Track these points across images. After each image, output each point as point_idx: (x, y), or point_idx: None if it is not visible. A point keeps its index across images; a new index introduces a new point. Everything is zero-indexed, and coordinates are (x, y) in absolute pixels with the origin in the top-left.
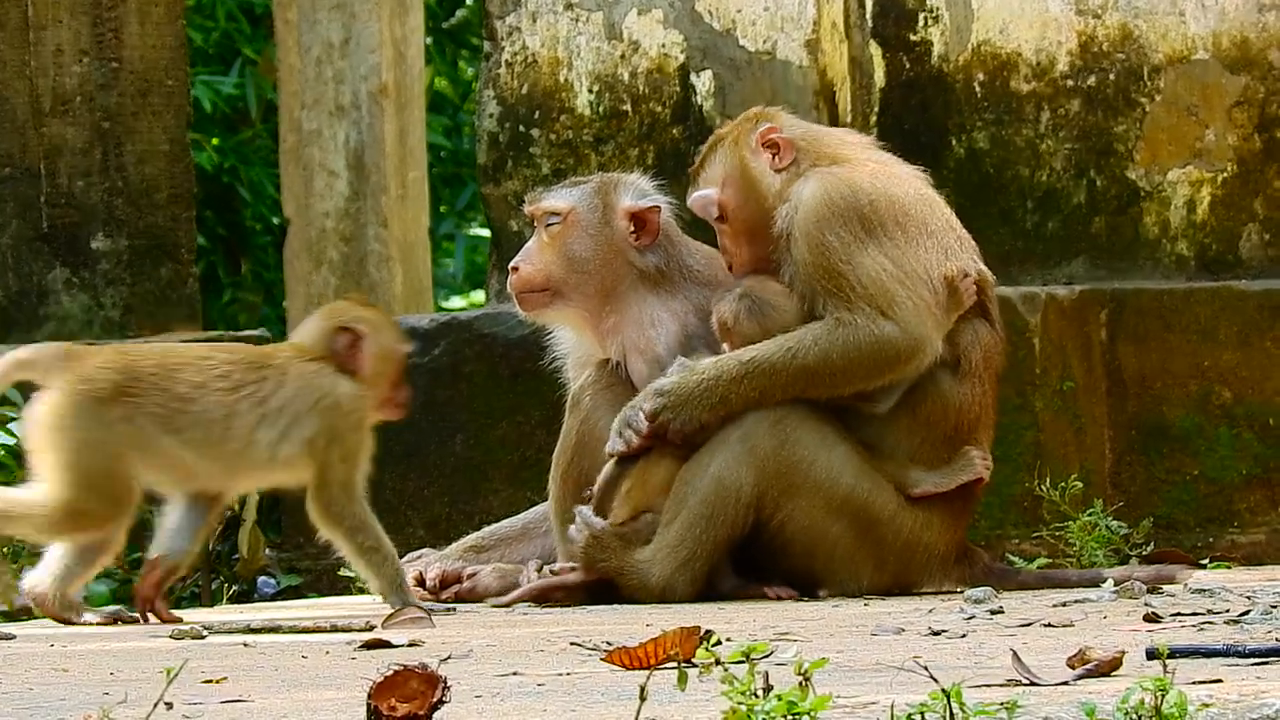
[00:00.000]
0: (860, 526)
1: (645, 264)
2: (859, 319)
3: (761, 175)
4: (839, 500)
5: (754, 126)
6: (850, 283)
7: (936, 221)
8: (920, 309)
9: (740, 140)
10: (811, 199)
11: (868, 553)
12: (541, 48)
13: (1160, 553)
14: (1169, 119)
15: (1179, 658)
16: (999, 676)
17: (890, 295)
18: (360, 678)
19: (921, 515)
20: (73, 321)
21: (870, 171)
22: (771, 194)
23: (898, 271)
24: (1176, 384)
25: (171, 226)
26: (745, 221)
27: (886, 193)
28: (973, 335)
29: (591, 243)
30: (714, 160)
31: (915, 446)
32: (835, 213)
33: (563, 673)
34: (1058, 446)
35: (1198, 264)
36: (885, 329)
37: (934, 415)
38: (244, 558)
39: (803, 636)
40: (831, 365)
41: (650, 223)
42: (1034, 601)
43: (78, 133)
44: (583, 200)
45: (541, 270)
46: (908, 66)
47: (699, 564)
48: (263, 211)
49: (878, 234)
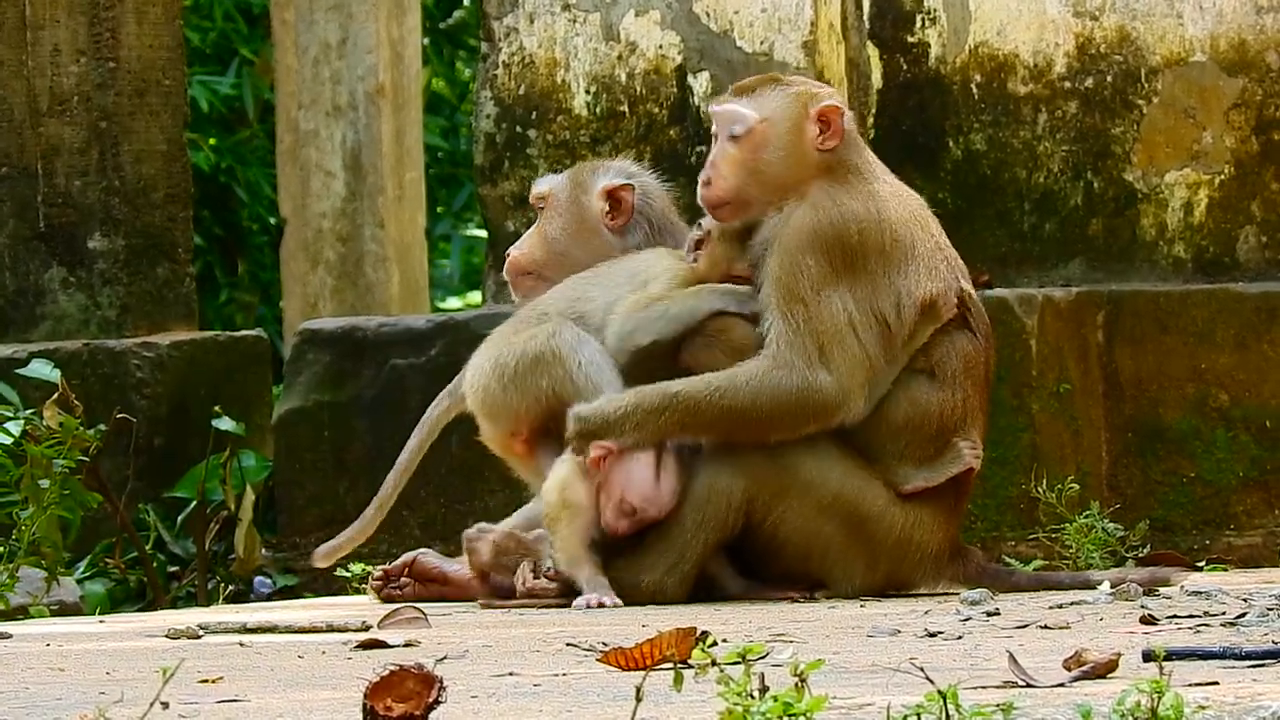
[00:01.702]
0: (851, 525)
1: (626, 245)
2: (797, 360)
3: (808, 144)
4: (828, 499)
5: (823, 97)
6: (807, 313)
7: (924, 244)
8: (857, 364)
9: (803, 99)
10: (802, 219)
11: (860, 551)
12: (539, 48)
13: (1156, 555)
14: (1166, 121)
15: (1175, 660)
16: (995, 678)
17: (838, 341)
18: (356, 678)
19: (913, 512)
20: (69, 321)
21: (871, 193)
22: (802, 163)
23: (859, 315)
24: (1173, 386)
25: (168, 226)
26: (760, 160)
27: (878, 219)
28: (949, 346)
29: (564, 223)
30: (771, 94)
31: (901, 448)
32: (820, 240)
33: (559, 673)
34: (1054, 448)
35: (1195, 266)
36: (819, 378)
37: (913, 420)
38: (240, 557)
39: (799, 638)
40: (760, 410)
41: (624, 201)
42: (1030, 603)
43: (75, 132)
44: (559, 183)
45: (527, 254)
46: (905, 68)
47: (688, 566)
48: (259, 211)
49: (856, 269)
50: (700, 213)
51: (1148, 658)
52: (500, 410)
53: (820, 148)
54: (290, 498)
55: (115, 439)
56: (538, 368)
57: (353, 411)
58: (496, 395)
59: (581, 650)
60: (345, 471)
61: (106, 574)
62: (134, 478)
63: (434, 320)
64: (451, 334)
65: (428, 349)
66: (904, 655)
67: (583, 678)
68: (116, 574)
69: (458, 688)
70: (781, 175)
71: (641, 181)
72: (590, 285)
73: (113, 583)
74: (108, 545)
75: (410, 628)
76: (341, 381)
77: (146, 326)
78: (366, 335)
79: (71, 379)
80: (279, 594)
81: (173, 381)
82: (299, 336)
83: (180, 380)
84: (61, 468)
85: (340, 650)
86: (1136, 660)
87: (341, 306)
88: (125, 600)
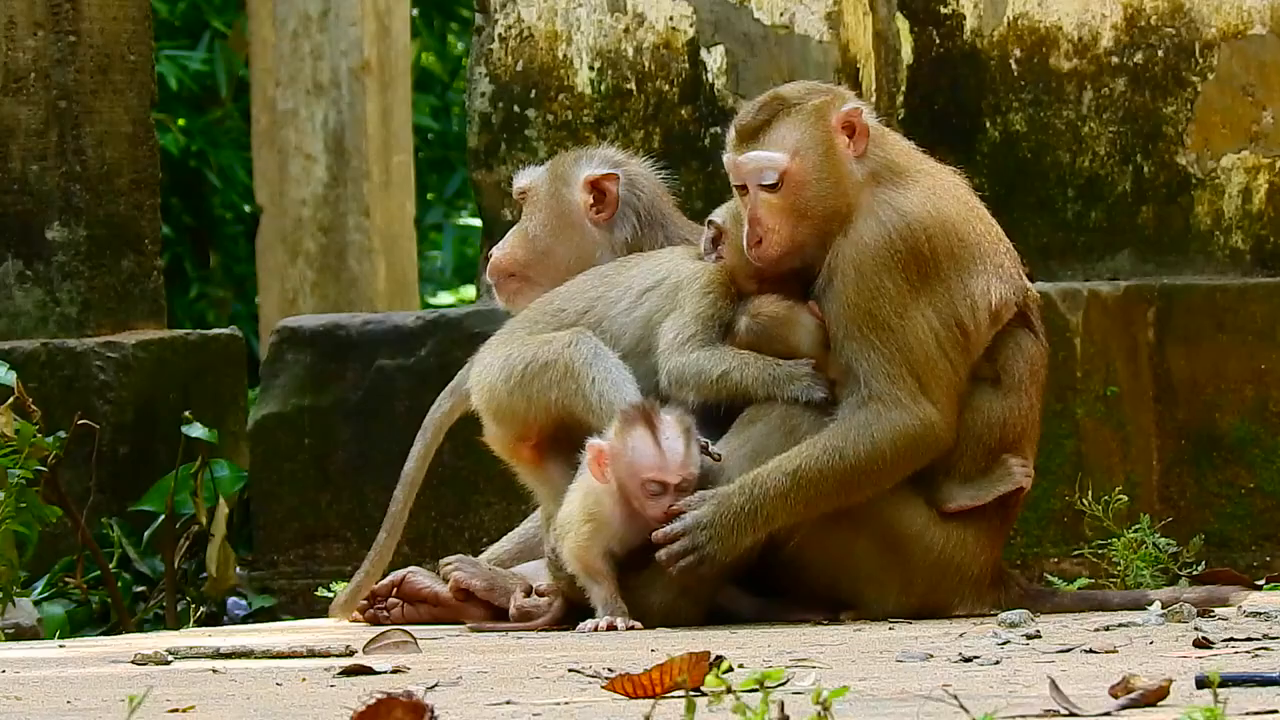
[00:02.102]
0: (886, 544)
1: (614, 240)
2: (902, 395)
3: (844, 159)
4: (862, 516)
5: (838, 102)
6: (898, 343)
7: (989, 239)
8: (950, 387)
9: (826, 112)
10: (869, 238)
11: (894, 573)
12: (538, 20)
13: (1212, 572)
14: (1223, 99)
15: (1231, 686)
16: (1035, 707)
17: (931, 367)
18: (340, 706)
19: (955, 533)
20: (25, 319)
21: (926, 189)
22: (847, 181)
23: (943, 332)
24: (1230, 389)
25: (134, 215)
26: (805, 200)
27: (941, 219)
28: (1015, 347)
29: (544, 219)
30: (785, 124)
31: (951, 462)
32: (895, 256)
33: (560, 701)
34: (1101, 457)
35: (1254, 258)
36: (927, 413)
37: (974, 432)
38: (213, 576)
39: (822, 663)
40: (881, 459)
41: (609, 192)
42: (1074, 625)
43: (32, 113)
44: (538, 175)
45: (509, 254)
46: (938, 42)
47: (705, 587)
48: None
49: (931, 279)
50: (713, 203)
51: (1202, 684)
52: (506, 414)
53: (858, 156)
54: (267, 511)
55: (76, 447)
56: (547, 376)
57: (335, 417)
58: (502, 398)
59: (585, 677)
60: (327, 482)
61: (67, 594)
62: (96, 490)
63: (424, 318)
64: (443, 332)
65: (417, 349)
66: (936, 681)
67: (586, 706)
68: (78, 594)
69: (450, 717)
70: (832, 205)
71: (627, 170)
72: (610, 285)
73: (73, 604)
74: (68, 563)
75: (398, 652)
76: (323, 384)
77: (110, 325)
78: (350, 334)
79: (28, 382)
80: (255, 616)
81: (139, 384)
82: (277, 335)
83: (147, 383)
84: (17, 479)
85: (322, 677)
86: (1189, 687)
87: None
88: (87, 623)
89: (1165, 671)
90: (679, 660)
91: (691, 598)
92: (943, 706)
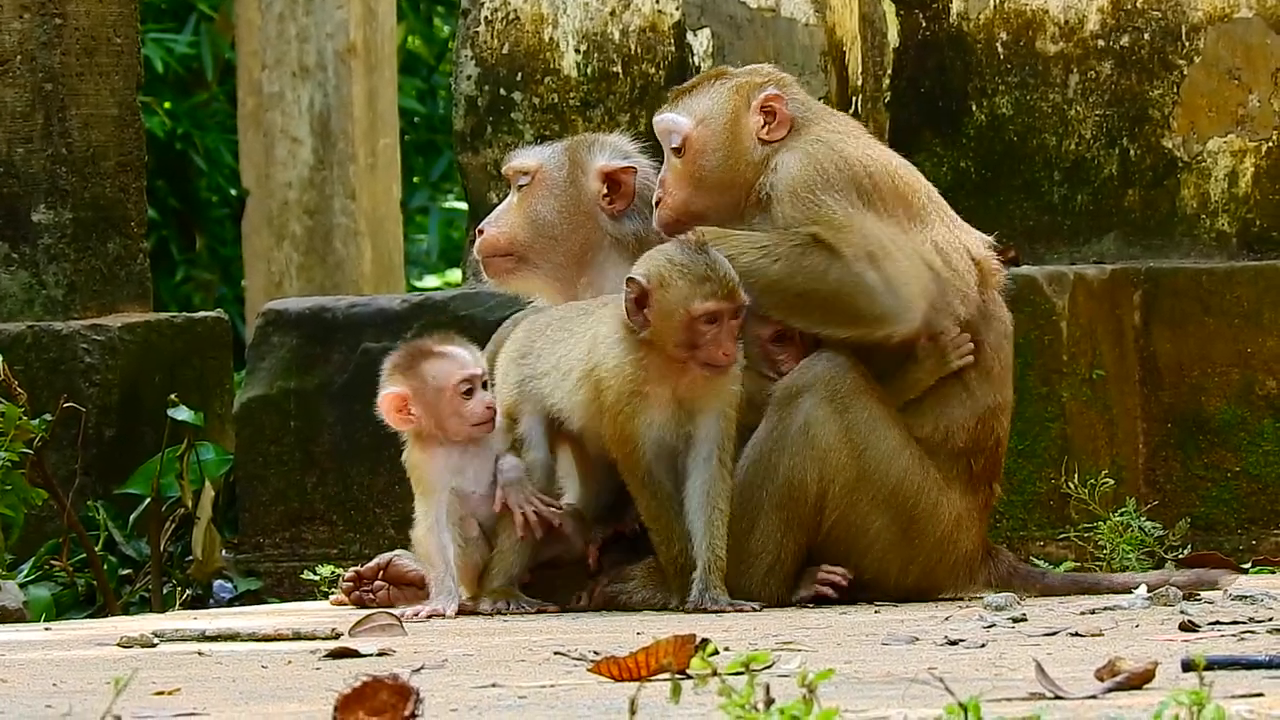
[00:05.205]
0: (902, 522)
1: (622, 231)
2: (847, 253)
3: (746, 135)
4: (886, 492)
5: (762, 85)
6: (846, 232)
7: (946, 208)
8: (917, 276)
9: (743, 91)
10: (800, 165)
11: (900, 551)
12: (524, 3)
13: (1198, 556)
14: (1209, 83)
15: (1217, 669)
16: (1021, 689)
17: (887, 251)
18: (325, 689)
19: (955, 507)
20: (11, 301)
21: (866, 144)
22: (745, 160)
23: (903, 240)
24: (1216, 372)
25: (120, 198)
26: (702, 169)
27: (885, 165)
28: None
29: (557, 204)
30: (705, 94)
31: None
32: (828, 179)
33: (546, 684)
34: (1087, 440)
35: (1240, 241)
36: (869, 277)
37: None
38: (198, 559)
39: (807, 646)
40: (797, 286)
41: (625, 185)
42: (1060, 608)
43: (17, 95)
44: (552, 158)
45: (507, 233)
46: (924, 25)
47: (788, 565)
48: (219, 182)
49: (876, 207)
50: None
51: (1187, 667)
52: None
53: (765, 139)
54: (253, 494)
55: (62, 430)
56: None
57: (321, 400)
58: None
59: (571, 659)
60: (313, 465)
61: (52, 577)
62: (82, 472)
63: (409, 300)
64: (428, 315)
65: (402, 332)
66: (922, 665)
67: (572, 689)
68: (63, 577)
69: (436, 700)
70: (726, 179)
71: (641, 163)
72: (549, 340)
73: (59, 587)
74: (54, 546)
75: (384, 635)
76: (309, 367)
77: (96, 307)
78: (336, 316)
79: (14, 364)
80: (240, 599)
81: (124, 367)
82: (262, 318)
83: (133, 366)
84: (3, 461)
85: (308, 660)
86: (1175, 670)
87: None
88: (73, 606)
89: (1151, 655)
90: (665, 643)
91: (780, 577)
92: (928, 689)
